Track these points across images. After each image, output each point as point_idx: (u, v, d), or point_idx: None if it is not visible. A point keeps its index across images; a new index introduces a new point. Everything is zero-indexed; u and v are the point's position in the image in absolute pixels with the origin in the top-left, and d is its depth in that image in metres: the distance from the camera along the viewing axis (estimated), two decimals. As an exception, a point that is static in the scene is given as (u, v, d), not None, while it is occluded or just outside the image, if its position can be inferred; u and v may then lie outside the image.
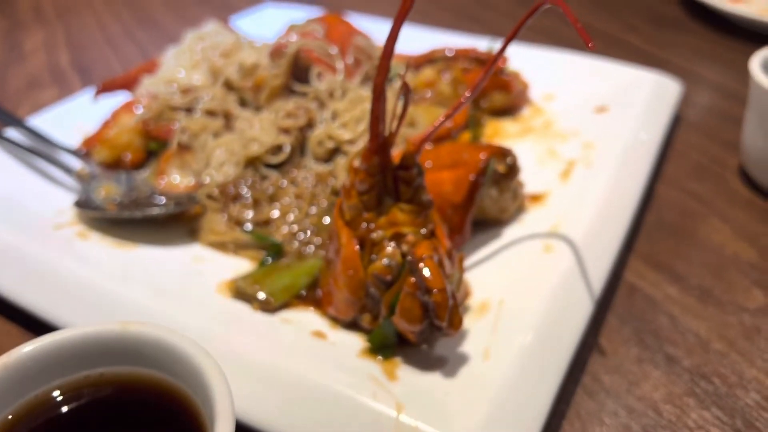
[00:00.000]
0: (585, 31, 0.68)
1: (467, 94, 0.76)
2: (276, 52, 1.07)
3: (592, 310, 0.82)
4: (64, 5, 2.09)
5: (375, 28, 1.32)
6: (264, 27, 1.52)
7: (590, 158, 1.10)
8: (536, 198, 1.04)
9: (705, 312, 0.89)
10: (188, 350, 0.59)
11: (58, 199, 1.06)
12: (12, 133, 1.17)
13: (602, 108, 1.23)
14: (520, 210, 1.02)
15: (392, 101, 0.77)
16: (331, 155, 1.04)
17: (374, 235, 0.78)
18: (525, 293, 0.84)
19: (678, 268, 0.97)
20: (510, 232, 0.98)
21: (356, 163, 0.78)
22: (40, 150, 1.13)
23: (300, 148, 1.05)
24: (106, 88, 1.22)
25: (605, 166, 1.06)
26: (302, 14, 1.50)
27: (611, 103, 1.23)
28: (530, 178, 1.06)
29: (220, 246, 0.97)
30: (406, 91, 0.71)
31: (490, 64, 0.76)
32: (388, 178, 0.78)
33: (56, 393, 0.60)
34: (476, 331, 0.80)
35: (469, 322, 0.82)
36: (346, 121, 1.01)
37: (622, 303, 0.91)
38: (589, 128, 1.19)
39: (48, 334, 0.59)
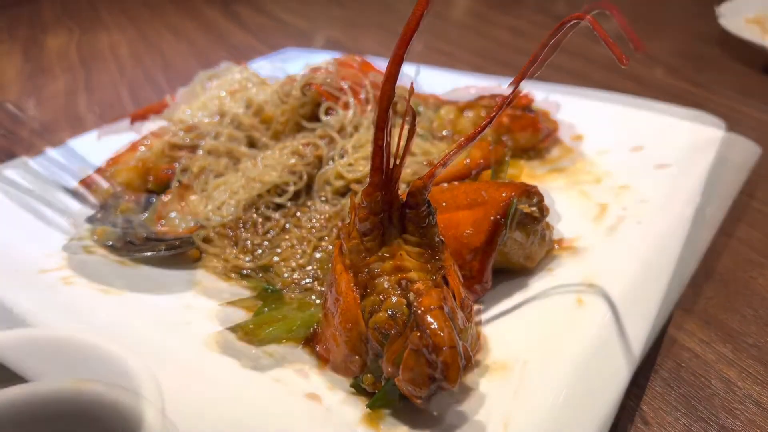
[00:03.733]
0: (616, 46, 0.60)
1: (483, 124, 0.67)
2: (284, 86, 1.00)
3: (631, 372, 0.70)
4: (89, 51, 2.13)
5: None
6: (284, 71, 1.48)
7: (627, 201, 0.99)
8: (567, 244, 0.93)
9: (767, 376, 0.76)
10: (145, 417, 0.51)
11: (49, 242, 1.00)
12: (11, 172, 1.13)
13: (638, 148, 1.13)
14: (548, 257, 0.91)
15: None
16: (339, 195, 0.96)
17: (377, 282, 0.68)
18: (553, 353, 0.73)
19: (732, 325, 0.85)
20: (537, 283, 0.87)
21: (358, 199, 0.70)
22: (37, 191, 1.08)
23: (307, 187, 0.97)
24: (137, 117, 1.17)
25: (643, 210, 0.96)
26: (323, 57, 1.45)
27: (647, 144, 1.13)
28: (560, 222, 0.96)
29: (214, 294, 0.89)
30: (411, 116, 0.63)
31: (515, 85, 0.68)
32: (394, 217, 0.69)
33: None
34: (495, 396, 0.69)
35: (487, 385, 0.71)
36: (355, 159, 0.93)
37: (667, 364, 0.79)
38: (624, 169, 1.08)
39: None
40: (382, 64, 1.30)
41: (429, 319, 0.61)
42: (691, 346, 0.82)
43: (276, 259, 0.91)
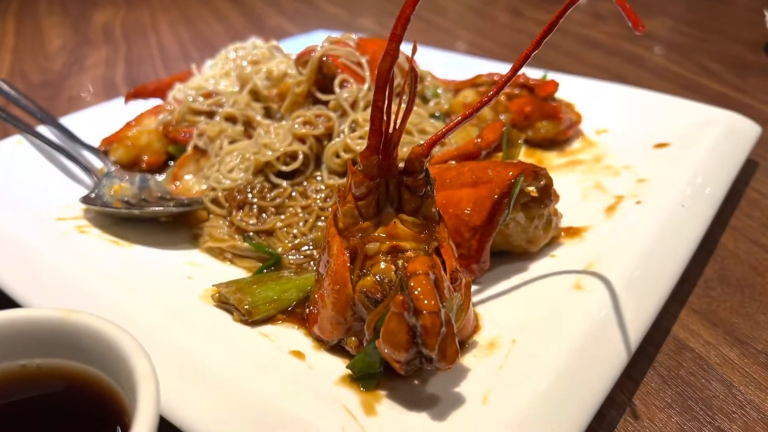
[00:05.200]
0: (632, 11, 0.57)
1: (484, 99, 0.66)
2: (301, 57, 1.01)
3: (625, 362, 0.68)
4: (132, 27, 2.20)
5: (426, 57, 1.27)
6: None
7: (642, 195, 0.96)
8: (574, 231, 0.91)
9: (772, 384, 0.73)
10: (126, 350, 0.52)
11: (70, 194, 1.04)
12: (43, 129, 1.17)
13: (662, 144, 1.10)
14: (553, 243, 0.89)
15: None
16: (347, 168, 0.96)
17: (369, 247, 0.68)
18: (544, 335, 0.71)
19: (741, 330, 0.82)
20: (537, 266, 0.85)
21: (354, 163, 0.70)
22: (65, 147, 1.12)
23: (316, 159, 0.98)
24: (138, 93, 1.21)
25: (659, 205, 0.92)
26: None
27: (673, 140, 1.10)
28: (571, 211, 0.94)
29: (218, 253, 0.91)
30: (413, 76, 0.62)
31: (521, 60, 0.66)
32: (391, 184, 0.69)
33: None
34: (479, 370, 0.68)
35: (472, 359, 0.70)
36: (365, 132, 0.93)
37: (667, 362, 0.77)
38: (644, 164, 1.05)
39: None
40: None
41: (413, 283, 0.60)
42: (694, 347, 0.79)
43: (279, 224, 0.91)
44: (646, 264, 0.81)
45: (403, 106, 0.65)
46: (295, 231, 0.90)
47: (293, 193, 0.94)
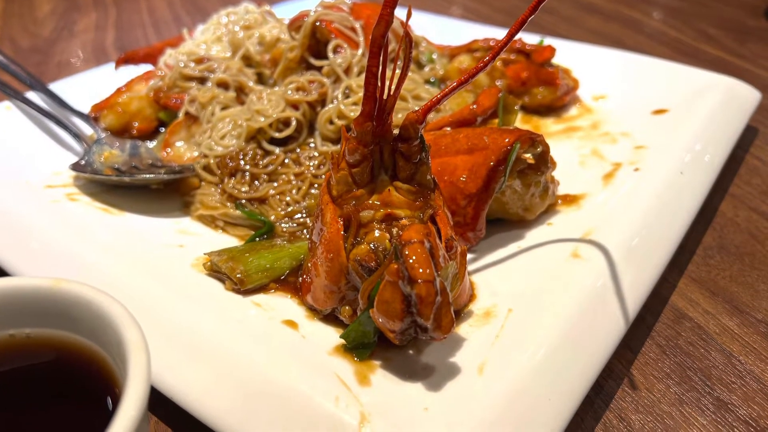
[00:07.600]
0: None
1: (480, 65, 0.64)
2: (294, 22, 0.98)
3: (623, 332, 0.68)
4: (123, -9, 2.14)
5: (421, 22, 1.24)
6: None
7: (640, 162, 0.95)
8: (571, 199, 0.90)
9: (772, 353, 0.73)
10: (116, 319, 0.51)
11: (59, 162, 1.02)
12: (32, 95, 1.15)
13: (661, 111, 1.08)
14: (550, 211, 0.88)
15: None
16: (340, 135, 0.94)
17: (363, 215, 0.67)
18: (541, 303, 0.71)
19: (741, 299, 0.81)
20: (534, 234, 0.84)
21: (348, 129, 0.68)
22: (54, 114, 1.10)
23: (309, 125, 0.96)
24: (129, 59, 1.18)
25: (657, 172, 0.91)
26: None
27: (672, 107, 1.08)
28: (568, 178, 0.93)
29: (210, 221, 0.89)
30: (408, 41, 0.60)
31: (518, 25, 0.64)
32: (385, 151, 0.67)
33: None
34: (475, 340, 0.68)
35: (468, 328, 0.69)
36: (359, 98, 0.91)
37: (666, 332, 0.76)
38: (643, 131, 1.04)
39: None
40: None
41: (407, 251, 0.59)
42: (693, 316, 0.79)
43: (272, 192, 0.90)
44: (644, 232, 0.80)
45: (398, 71, 0.63)
46: (288, 198, 0.89)
47: (286, 160, 0.93)
